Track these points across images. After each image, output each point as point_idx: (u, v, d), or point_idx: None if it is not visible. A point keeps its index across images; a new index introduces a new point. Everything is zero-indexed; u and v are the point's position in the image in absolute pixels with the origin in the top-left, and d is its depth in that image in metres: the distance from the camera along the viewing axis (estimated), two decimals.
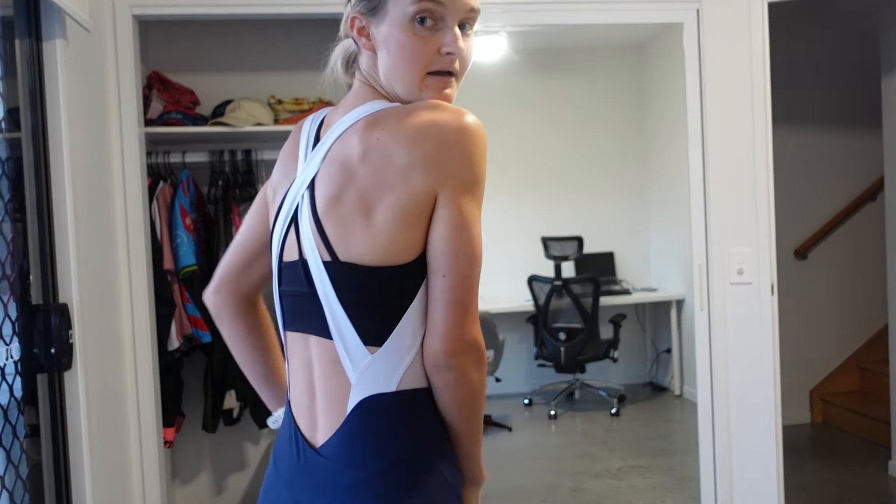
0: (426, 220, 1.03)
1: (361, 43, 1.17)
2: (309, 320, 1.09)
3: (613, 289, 5.61)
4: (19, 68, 1.92)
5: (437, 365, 1.03)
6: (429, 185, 1.02)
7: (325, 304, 1.06)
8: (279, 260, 1.14)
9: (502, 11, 2.81)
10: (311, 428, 1.10)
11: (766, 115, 2.87)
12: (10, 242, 1.87)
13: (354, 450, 1.05)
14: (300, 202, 1.10)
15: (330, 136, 1.10)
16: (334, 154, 1.07)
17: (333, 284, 1.05)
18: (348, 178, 1.04)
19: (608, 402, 5.26)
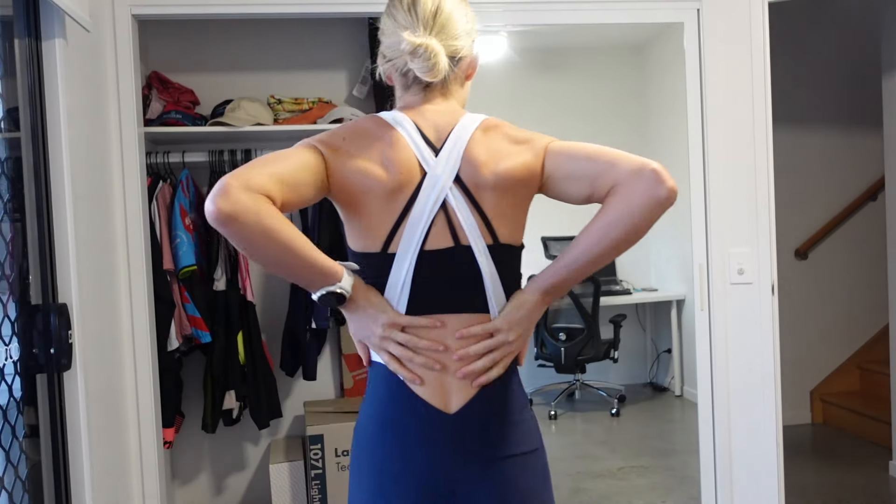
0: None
1: (467, 75, 1.41)
2: (460, 299, 1.28)
3: (614, 289, 5.61)
4: (19, 68, 1.92)
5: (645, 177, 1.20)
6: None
7: (488, 282, 1.28)
8: (419, 248, 1.26)
9: (502, 11, 2.81)
10: (442, 400, 1.28)
11: (766, 115, 2.87)
12: (9, 242, 1.87)
13: (496, 404, 1.28)
14: (448, 195, 1.27)
15: (458, 138, 1.29)
16: (472, 152, 1.28)
17: (497, 264, 1.28)
18: (491, 171, 1.27)
19: (608, 402, 5.26)
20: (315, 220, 3.13)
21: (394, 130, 1.29)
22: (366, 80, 3.37)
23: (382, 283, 1.29)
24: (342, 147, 1.27)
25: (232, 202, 1.09)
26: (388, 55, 1.35)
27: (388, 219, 1.26)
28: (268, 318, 3.35)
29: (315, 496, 2.98)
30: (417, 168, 1.27)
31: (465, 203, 1.27)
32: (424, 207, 1.26)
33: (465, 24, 1.33)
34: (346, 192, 1.27)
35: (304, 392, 3.42)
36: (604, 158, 1.25)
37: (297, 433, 3.42)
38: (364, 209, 1.27)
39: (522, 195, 1.31)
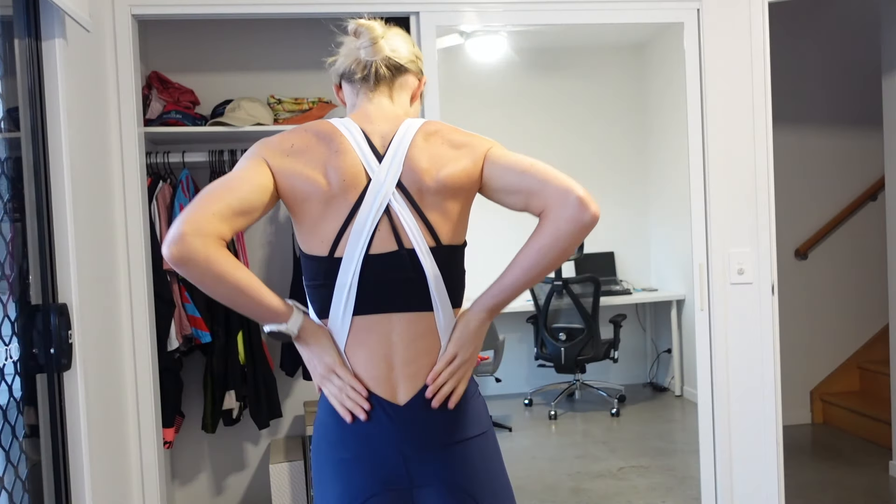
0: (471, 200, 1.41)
1: (413, 94, 1.51)
2: (405, 300, 1.35)
3: (614, 289, 5.60)
4: (19, 68, 1.92)
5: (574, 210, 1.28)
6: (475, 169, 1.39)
7: (431, 282, 1.35)
8: (364, 252, 1.33)
9: (502, 11, 2.81)
10: (390, 392, 1.35)
11: (766, 115, 2.87)
12: (9, 242, 1.87)
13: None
14: (391, 200, 1.33)
15: (399, 144, 1.36)
16: (414, 158, 1.35)
17: (440, 265, 1.36)
18: (433, 178, 1.34)
19: (608, 402, 5.26)
20: None
21: (342, 137, 1.36)
22: None
23: (331, 284, 1.35)
24: (289, 155, 1.34)
25: (183, 249, 1.18)
26: (336, 66, 1.50)
27: (334, 224, 1.33)
28: None
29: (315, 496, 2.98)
30: (363, 174, 1.34)
31: (408, 208, 1.34)
32: (368, 213, 1.33)
33: (409, 49, 1.49)
34: (290, 198, 1.34)
35: (304, 392, 3.42)
36: (536, 177, 1.32)
37: (297, 433, 3.42)
38: (308, 214, 1.34)
39: (463, 198, 1.39)
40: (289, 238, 3.36)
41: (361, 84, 1.46)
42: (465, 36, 4.15)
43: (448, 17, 2.79)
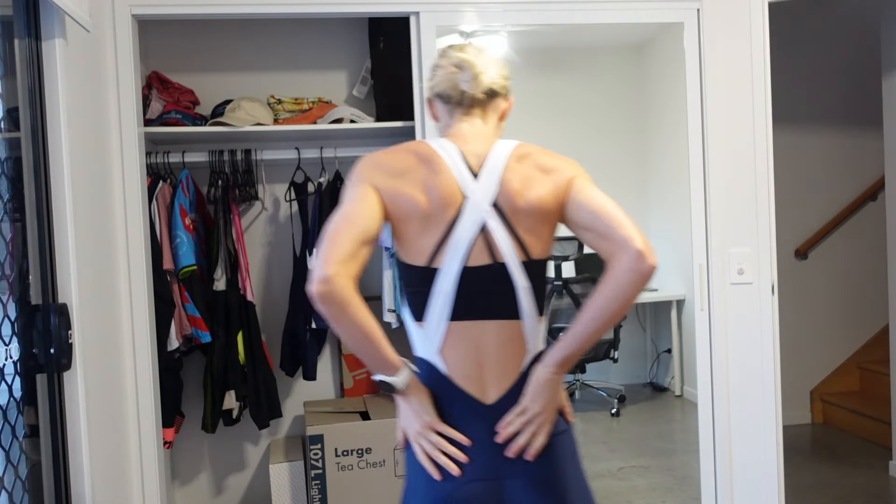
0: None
1: (502, 114, 1.62)
2: (496, 308, 1.47)
3: None
4: (19, 68, 1.92)
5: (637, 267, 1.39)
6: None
7: (520, 293, 1.47)
8: (462, 264, 1.45)
9: (502, 11, 2.81)
10: (480, 391, 1.47)
11: (766, 114, 2.87)
12: (9, 242, 1.87)
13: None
14: (486, 217, 1.45)
15: (494, 165, 1.48)
16: (507, 179, 1.46)
17: (529, 277, 1.47)
18: (524, 199, 1.46)
19: (608, 402, 5.25)
20: (314, 222, 3.13)
21: (440, 158, 1.47)
22: (366, 80, 3.37)
23: (428, 292, 1.47)
24: (393, 176, 1.45)
25: (330, 290, 1.32)
26: (434, 85, 1.57)
27: (433, 238, 1.45)
28: (268, 318, 3.35)
29: (315, 496, 2.98)
30: (459, 192, 1.45)
31: (502, 225, 1.46)
32: (466, 229, 1.45)
33: (501, 74, 1.59)
34: (394, 216, 1.46)
35: (304, 392, 3.42)
36: (604, 221, 1.43)
37: (297, 433, 3.42)
38: (409, 229, 1.46)
39: (551, 218, 1.50)
40: (289, 238, 3.36)
41: (457, 107, 1.56)
42: (465, 36, 4.15)
43: (448, 17, 2.79)
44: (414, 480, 1.50)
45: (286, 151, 3.18)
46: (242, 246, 3.09)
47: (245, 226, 3.37)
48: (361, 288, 3.49)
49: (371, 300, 3.36)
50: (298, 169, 3.23)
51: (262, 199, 3.31)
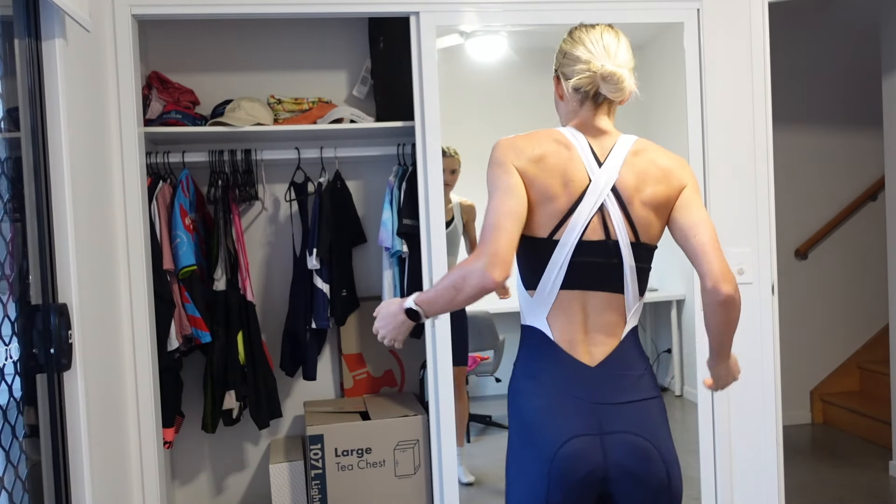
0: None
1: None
2: (603, 281, 1.61)
3: None
4: (19, 68, 1.92)
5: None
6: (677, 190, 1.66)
7: (627, 270, 1.61)
8: (579, 238, 1.59)
9: (502, 11, 2.81)
10: (585, 354, 1.62)
11: (766, 114, 2.87)
12: (9, 242, 1.87)
13: (625, 361, 1.63)
14: (606, 199, 1.60)
15: (616, 156, 1.63)
16: (625, 171, 1.61)
17: (636, 258, 1.62)
18: (638, 190, 1.61)
19: None
20: (315, 223, 3.13)
21: (573, 148, 1.62)
22: (366, 80, 3.37)
23: (545, 262, 1.61)
24: (535, 162, 1.60)
25: (499, 276, 1.52)
26: (570, 76, 1.65)
27: (558, 214, 1.60)
28: (268, 318, 3.35)
29: (315, 496, 2.98)
30: (586, 176, 1.61)
31: (618, 208, 1.61)
32: (587, 208, 1.59)
33: (631, 60, 1.68)
34: (529, 196, 1.60)
35: (304, 392, 3.42)
36: (696, 242, 1.61)
37: (297, 433, 3.42)
38: (541, 208, 1.60)
39: (660, 212, 1.64)
40: (289, 238, 3.36)
41: (590, 101, 1.66)
42: (465, 36, 4.15)
43: (448, 17, 2.79)
44: (518, 439, 1.63)
45: (286, 151, 3.18)
46: (242, 246, 3.09)
47: (245, 226, 3.37)
48: (361, 288, 3.47)
49: (371, 300, 3.37)
50: (298, 169, 3.23)
51: (262, 199, 3.31)
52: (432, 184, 2.81)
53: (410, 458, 3.04)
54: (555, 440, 1.56)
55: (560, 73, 1.71)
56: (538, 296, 1.64)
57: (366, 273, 3.43)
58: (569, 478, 1.54)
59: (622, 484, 1.56)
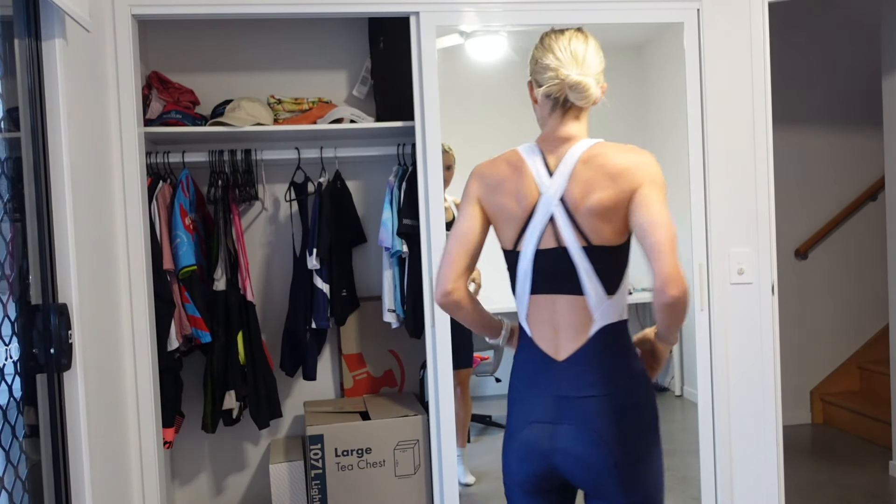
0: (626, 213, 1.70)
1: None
2: (562, 285, 1.73)
3: None
4: (19, 68, 1.92)
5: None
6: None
7: (582, 273, 1.70)
8: (536, 247, 1.73)
9: (502, 11, 2.81)
10: (554, 351, 1.75)
11: (766, 114, 2.87)
12: (9, 242, 1.87)
13: (593, 358, 1.72)
14: (555, 209, 1.70)
15: (565, 166, 1.72)
16: (570, 182, 1.70)
17: (592, 261, 1.70)
18: (582, 202, 1.68)
19: None
20: (315, 223, 3.13)
21: (525, 164, 1.75)
22: (366, 80, 3.37)
23: (515, 270, 1.79)
24: (494, 190, 1.77)
25: (449, 302, 1.80)
26: (542, 83, 1.74)
27: (517, 228, 1.76)
28: (268, 318, 3.35)
29: (315, 496, 2.98)
30: (536, 191, 1.73)
31: (566, 217, 1.70)
32: (539, 219, 1.72)
33: (598, 65, 1.79)
34: (493, 217, 1.80)
35: (304, 392, 3.42)
36: (649, 242, 1.63)
37: (297, 433, 3.42)
38: (505, 224, 1.78)
39: (612, 216, 1.69)
40: (289, 238, 3.37)
41: (559, 107, 1.77)
42: (465, 36, 4.15)
43: (448, 17, 2.79)
44: (507, 416, 1.84)
45: (286, 151, 3.18)
46: (242, 246, 3.09)
47: (245, 226, 3.37)
48: (361, 288, 3.47)
49: (371, 300, 3.37)
50: (298, 169, 3.23)
51: (262, 199, 3.31)
52: (432, 184, 2.81)
53: (410, 459, 3.04)
54: (519, 424, 1.78)
55: (533, 80, 1.80)
56: (517, 300, 1.82)
57: (366, 273, 3.43)
58: (526, 459, 1.76)
59: (570, 469, 1.71)
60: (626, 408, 1.71)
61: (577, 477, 1.72)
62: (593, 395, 1.71)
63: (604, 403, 1.70)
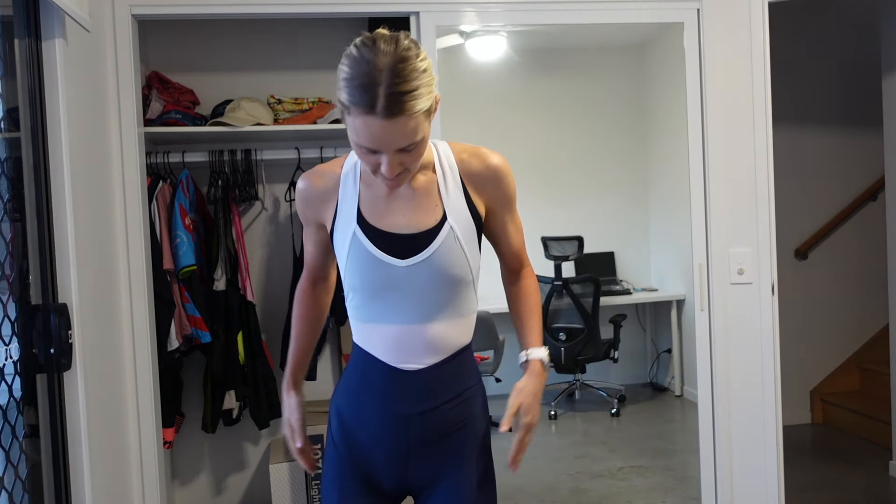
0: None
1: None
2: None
3: (613, 289, 5.60)
4: (19, 68, 1.92)
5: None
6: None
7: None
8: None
9: (502, 11, 2.81)
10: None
11: (766, 114, 2.87)
12: (9, 242, 1.87)
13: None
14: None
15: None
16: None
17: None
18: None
19: (608, 402, 5.26)
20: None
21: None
22: None
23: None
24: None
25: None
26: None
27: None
28: (268, 318, 3.35)
29: (315, 496, 2.98)
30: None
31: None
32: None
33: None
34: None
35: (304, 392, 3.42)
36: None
37: None
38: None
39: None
40: (289, 238, 3.37)
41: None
42: (465, 36, 4.15)
43: (448, 17, 2.79)
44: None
45: (286, 151, 3.18)
46: (242, 246, 3.09)
47: (245, 226, 3.37)
48: None
49: None
50: (298, 169, 3.23)
51: (262, 199, 3.31)
52: None
53: None
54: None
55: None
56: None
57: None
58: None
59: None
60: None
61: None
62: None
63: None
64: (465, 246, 1.50)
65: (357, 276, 1.51)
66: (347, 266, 1.51)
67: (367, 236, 1.49)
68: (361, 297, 1.53)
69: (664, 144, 5.62)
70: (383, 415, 1.54)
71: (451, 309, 1.52)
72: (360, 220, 1.50)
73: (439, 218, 1.49)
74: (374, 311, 1.53)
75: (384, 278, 1.49)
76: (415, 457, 1.55)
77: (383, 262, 1.48)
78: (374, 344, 1.54)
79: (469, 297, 1.56)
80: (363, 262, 1.49)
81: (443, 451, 1.56)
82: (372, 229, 1.49)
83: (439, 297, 1.50)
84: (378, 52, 1.31)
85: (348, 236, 1.50)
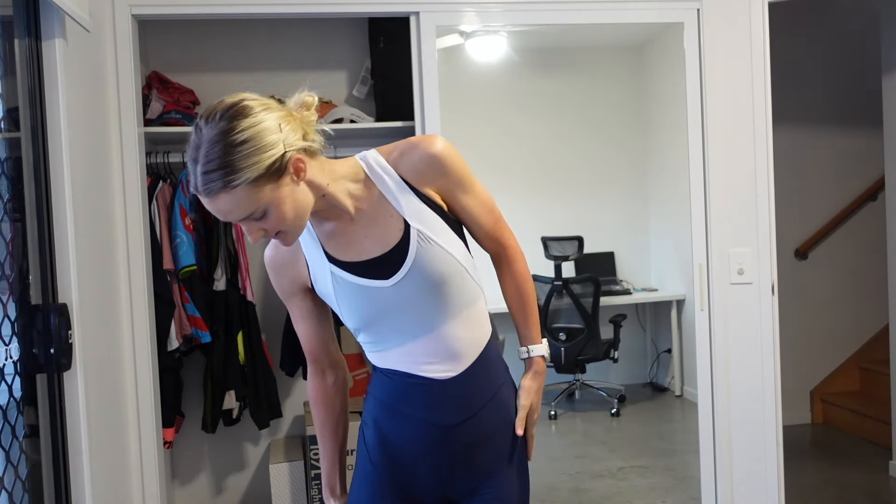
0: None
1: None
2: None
3: (614, 289, 5.60)
4: (19, 68, 1.92)
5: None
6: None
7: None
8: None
9: (502, 11, 2.81)
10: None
11: (766, 114, 2.87)
12: (9, 242, 1.87)
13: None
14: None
15: None
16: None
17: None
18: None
19: (608, 402, 5.25)
20: None
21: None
22: (366, 80, 3.37)
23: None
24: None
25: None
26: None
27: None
28: (268, 318, 3.35)
29: (315, 496, 2.98)
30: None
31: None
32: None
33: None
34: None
35: (304, 392, 3.42)
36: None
37: (297, 433, 3.42)
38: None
39: None
40: None
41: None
42: (465, 36, 4.15)
43: (448, 17, 2.79)
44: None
45: None
46: (242, 246, 3.09)
47: None
48: None
49: None
50: None
51: None
52: None
53: None
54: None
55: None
56: None
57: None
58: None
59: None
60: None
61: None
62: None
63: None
64: (439, 242, 1.44)
65: (353, 313, 1.48)
66: (340, 307, 1.48)
67: (345, 270, 1.46)
68: (366, 332, 1.51)
69: (664, 144, 5.62)
70: (425, 428, 1.51)
71: (452, 305, 1.48)
72: (331, 259, 1.47)
73: (402, 227, 1.43)
74: (384, 339, 1.50)
75: (377, 303, 1.45)
76: (459, 466, 1.52)
77: (370, 287, 1.44)
78: (398, 365, 1.52)
79: (467, 286, 1.49)
80: (352, 296, 1.46)
81: (484, 456, 1.53)
82: (344, 264, 1.46)
83: (437, 300, 1.46)
84: (199, 131, 1.29)
85: (328, 279, 1.47)
